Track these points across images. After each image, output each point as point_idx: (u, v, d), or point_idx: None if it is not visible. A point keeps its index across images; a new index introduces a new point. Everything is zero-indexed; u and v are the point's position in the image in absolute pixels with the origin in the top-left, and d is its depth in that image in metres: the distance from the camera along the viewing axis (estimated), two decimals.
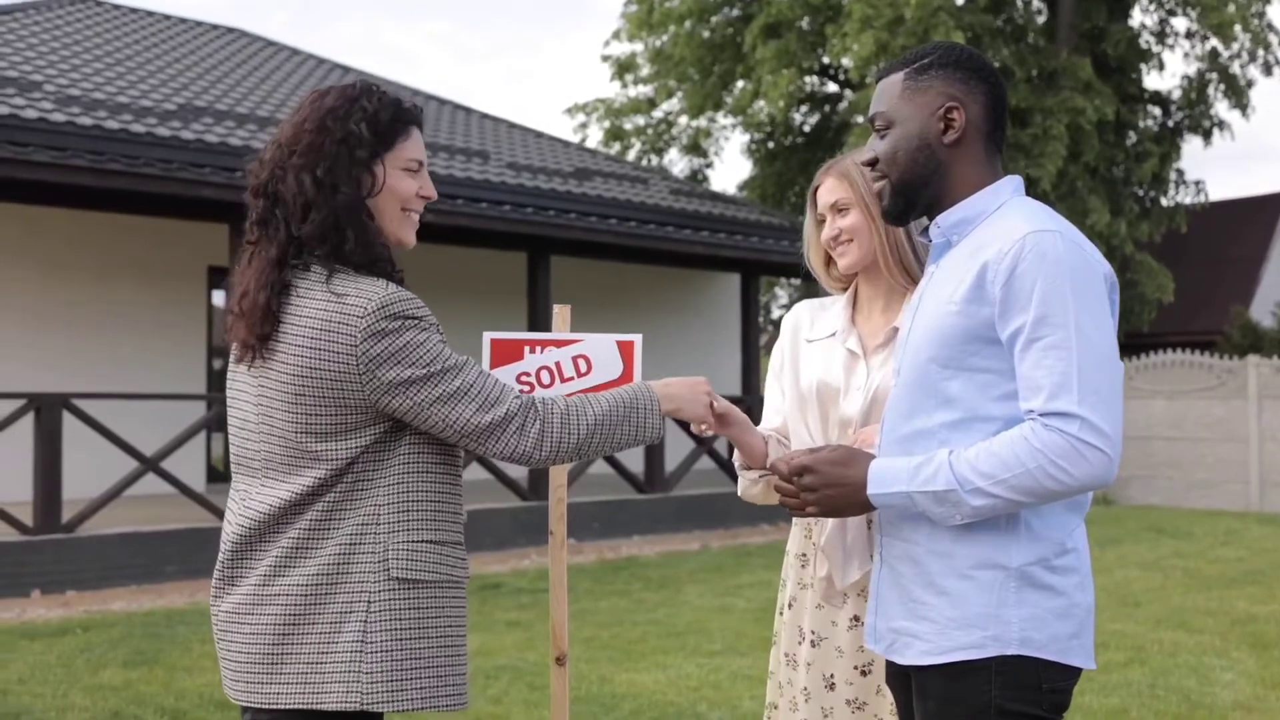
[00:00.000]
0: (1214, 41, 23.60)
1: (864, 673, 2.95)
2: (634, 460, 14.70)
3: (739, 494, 3.11)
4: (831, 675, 2.97)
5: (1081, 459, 2.19)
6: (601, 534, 13.49)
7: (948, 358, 2.34)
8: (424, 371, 2.40)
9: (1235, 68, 23.84)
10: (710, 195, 20.63)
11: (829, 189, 3.06)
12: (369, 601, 2.39)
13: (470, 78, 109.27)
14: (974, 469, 2.24)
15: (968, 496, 2.25)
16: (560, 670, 2.91)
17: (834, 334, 3.07)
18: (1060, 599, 2.31)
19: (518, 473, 13.12)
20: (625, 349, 2.93)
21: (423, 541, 2.44)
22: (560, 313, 3.03)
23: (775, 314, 30.23)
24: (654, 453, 14.35)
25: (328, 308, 2.39)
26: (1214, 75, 23.92)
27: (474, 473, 12.92)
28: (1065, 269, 2.25)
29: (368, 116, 2.48)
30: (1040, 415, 2.21)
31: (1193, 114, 24.25)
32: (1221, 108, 24.76)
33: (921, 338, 2.40)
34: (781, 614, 3.12)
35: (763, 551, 12.66)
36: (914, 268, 2.99)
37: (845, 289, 3.16)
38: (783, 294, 30.62)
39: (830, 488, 2.38)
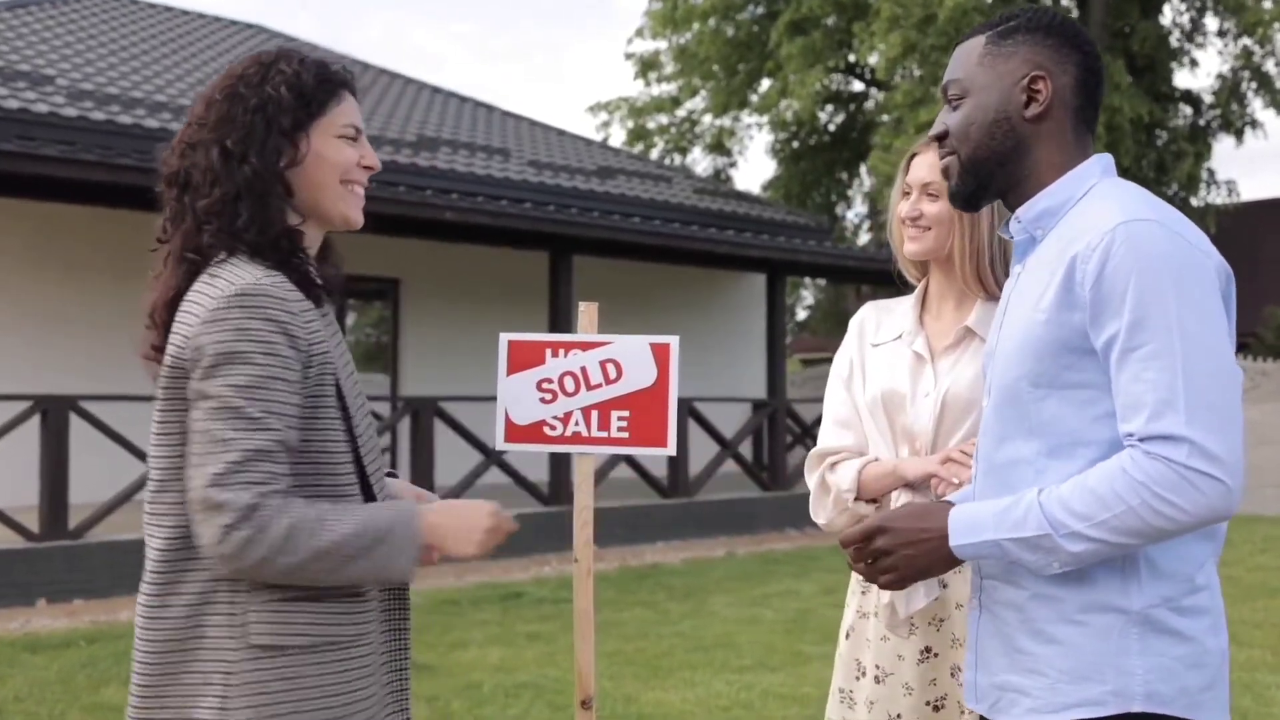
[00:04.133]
0: (1246, 40, 23.24)
1: (936, 708, 2.62)
2: (657, 465, 14.37)
3: (822, 523, 2.78)
4: (898, 715, 2.65)
5: (1193, 490, 1.85)
6: (625, 540, 13.16)
7: (1039, 374, 2.01)
8: (217, 387, 2.01)
9: (1269, 66, 23.47)
10: (735, 194, 20.33)
11: (928, 165, 2.75)
12: (227, 673, 2.03)
13: (495, 78, 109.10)
14: (1068, 509, 1.91)
15: (1064, 542, 1.91)
16: (586, 714, 2.58)
17: (900, 336, 2.75)
18: (1190, 645, 1.97)
19: (538, 476, 12.82)
20: (660, 353, 2.61)
21: (292, 600, 2.06)
22: (587, 311, 2.69)
23: (800, 315, 29.88)
24: (677, 457, 14.02)
25: (192, 296, 2.08)
26: (1247, 73, 23.55)
27: (493, 476, 12.63)
28: (1164, 263, 1.92)
29: (287, 80, 2.18)
30: (1141, 440, 1.88)
31: (1225, 113, 23.87)
32: (1255, 106, 24.32)
33: (1010, 352, 2.07)
34: (838, 645, 2.81)
35: (790, 559, 12.33)
36: (990, 281, 2.68)
37: (921, 277, 2.83)
38: (808, 295, 30.30)
39: (909, 547, 2.05)
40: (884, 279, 19.61)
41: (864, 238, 26.88)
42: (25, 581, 9.64)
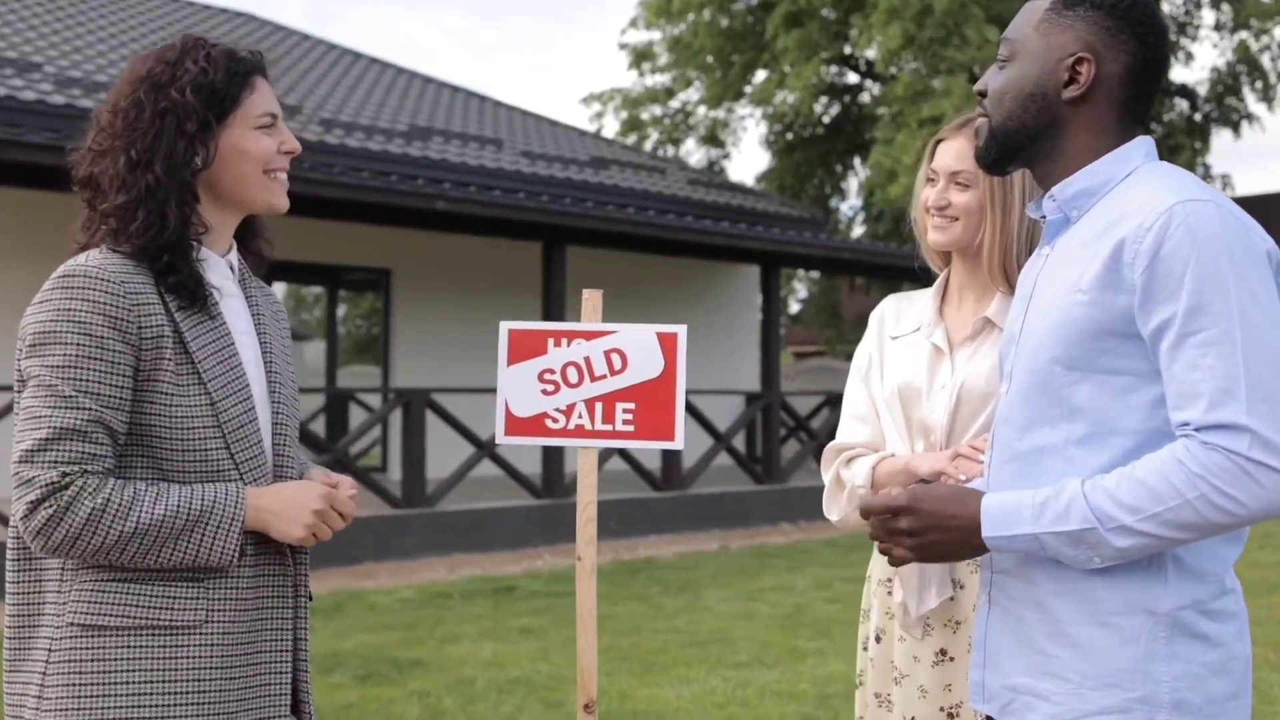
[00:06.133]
0: (1243, 34, 23.20)
1: (951, 715, 2.52)
2: (651, 457, 14.28)
3: (835, 519, 2.68)
4: (913, 719, 2.55)
5: (1253, 484, 1.75)
6: (618, 533, 13.06)
7: (1074, 358, 1.90)
8: (35, 367, 2.03)
9: (1265, 60, 23.45)
10: (729, 186, 20.24)
11: (956, 153, 2.63)
12: (49, 650, 2.04)
13: (485, 71, 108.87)
14: (1116, 502, 1.80)
15: (1110, 536, 1.81)
16: (589, 718, 2.48)
17: (919, 328, 2.65)
18: (1217, 651, 1.88)
19: (532, 469, 12.71)
20: (667, 343, 2.51)
21: (118, 580, 2.04)
22: (590, 299, 2.59)
23: (793, 309, 29.80)
24: (670, 450, 13.91)
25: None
26: (1244, 67, 23.51)
27: (485, 469, 12.52)
28: (1222, 246, 1.81)
29: (193, 81, 2.15)
30: (1198, 430, 1.78)
31: (1222, 107, 23.83)
32: (1250, 100, 24.31)
33: (1041, 334, 1.96)
34: (866, 648, 2.70)
35: (784, 553, 12.24)
36: (1014, 268, 2.57)
37: (944, 266, 2.73)
38: (801, 288, 30.20)
39: (935, 531, 1.94)
40: (878, 272, 19.53)
41: (858, 231, 26.78)
42: None
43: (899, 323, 2.72)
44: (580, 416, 2.53)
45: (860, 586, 2.80)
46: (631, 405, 2.51)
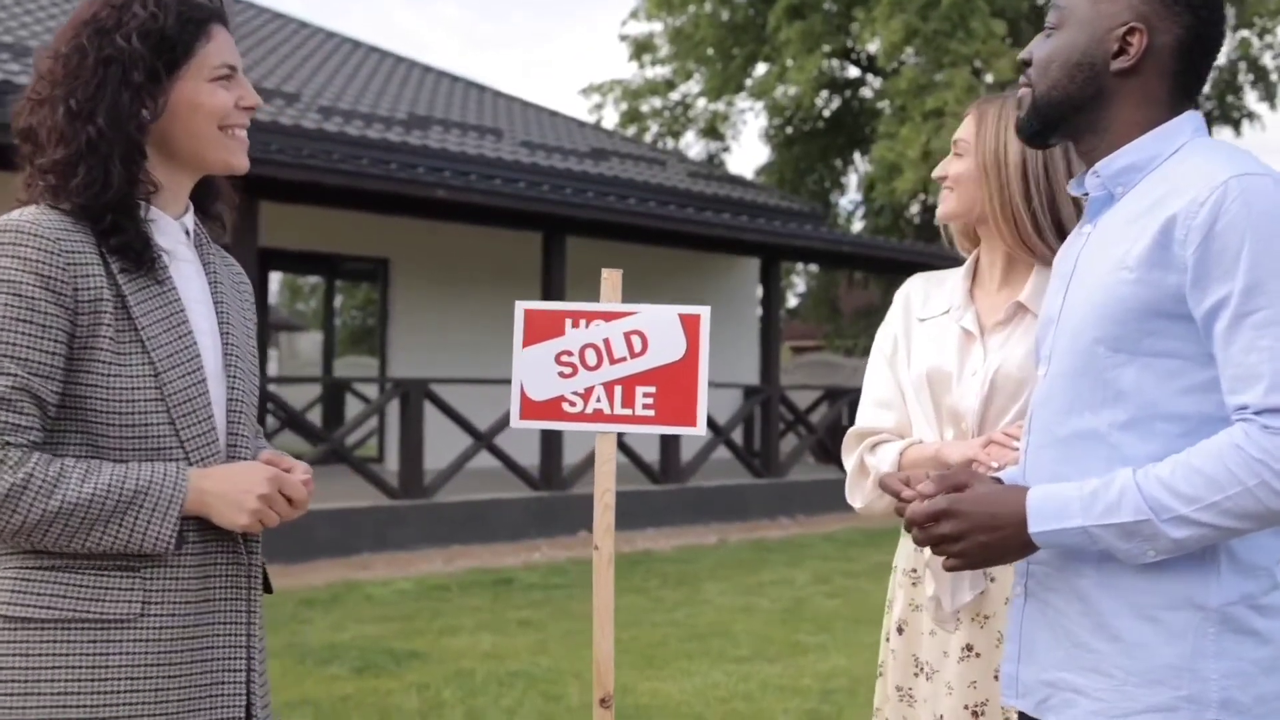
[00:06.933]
0: (1245, 33, 23.14)
1: (976, 714, 2.44)
2: (650, 449, 14.18)
3: (858, 506, 2.60)
4: (941, 717, 2.47)
5: None
6: (616, 525, 12.91)
7: (1119, 339, 1.82)
8: None
9: (1266, 59, 23.40)
10: (729, 179, 20.17)
11: (963, 124, 2.58)
12: None
13: (482, 63, 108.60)
14: (1171, 491, 1.72)
15: (1166, 528, 1.73)
16: (605, 713, 2.39)
17: (948, 311, 2.57)
18: (1268, 648, 1.79)
19: (529, 461, 12.62)
20: (690, 324, 2.41)
21: (44, 568, 1.88)
22: (609, 279, 2.50)
23: (791, 303, 29.72)
24: (669, 442, 13.84)
25: None
26: (1244, 64, 23.46)
27: (482, 460, 12.44)
28: None
29: (142, 25, 1.96)
30: (1258, 414, 1.70)
31: (1223, 105, 23.77)
32: (1250, 99, 24.27)
33: (1083, 314, 1.87)
34: (888, 640, 2.62)
35: (782, 547, 12.19)
36: (1040, 245, 2.48)
37: (973, 247, 2.65)
38: (799, 282, 30.12)
39: (980, 532, 1.85)
40: (879, 266, 19.46)
41: (857, 226, 26.69)
42: None
43: (926, 304, 2.63)
44: (599, 400, 2.44)
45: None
46: (652, 389, 2.42)
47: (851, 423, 2.71)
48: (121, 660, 1.89)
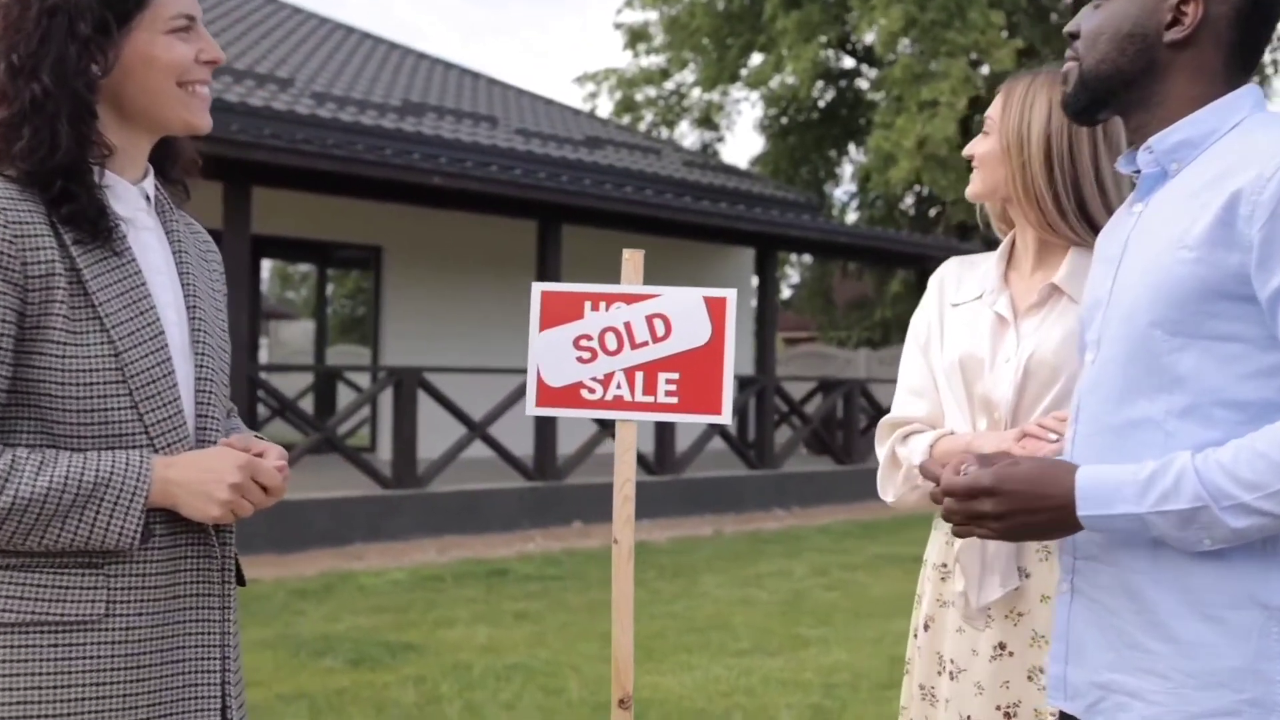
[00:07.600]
0: None
1: (1008, 715, 2.34)
2: (644, 440, 14.08)
3: (890, 500, 2.50)
4: (968, 717, 2.37)
5: None
6: (610, 517, 12.88)
7: (1177, 321, 1.71)
8: None
9: (1265, 57, 23.36)
10: (724, 168, 20.06)
11: (995, 101, 2.48)
12: None
13: (478, 53, 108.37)
14: (1233, 477, 1.62)
15: (1225, 515, 1.62)
16: (624, 714, 2.29)
17: (981, 295, 2.47)
18: None
19: (523, 450, 12.52)
20: (715, 308, 2.30)
21: None
22: (631, 259, 2.39)
23: (784, 294, 29.64)
24: (664, 433, 13.75)
25: None
26: None
27: (476, 450, 12.33)
28: None
29: None
30: None
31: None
32: None
33: (1137, 295, 1.77)
34: (915, 636, 2.52)
35: (779, 538, 12.10)
36: (1064, 228, 2.38)
37: (1009, 230, 2.55)
38: (792, 273, 30.04)
39: (1024, 514, 1.75)
40: (874, 257, 19.37)
41: (851, 217, 26.61)
42: None
43: (960, 288, 2.54)
44: (619, 387, 2.33)
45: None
46: (675, 375, 2.31)
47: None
48: (86, 664, 1.76)
